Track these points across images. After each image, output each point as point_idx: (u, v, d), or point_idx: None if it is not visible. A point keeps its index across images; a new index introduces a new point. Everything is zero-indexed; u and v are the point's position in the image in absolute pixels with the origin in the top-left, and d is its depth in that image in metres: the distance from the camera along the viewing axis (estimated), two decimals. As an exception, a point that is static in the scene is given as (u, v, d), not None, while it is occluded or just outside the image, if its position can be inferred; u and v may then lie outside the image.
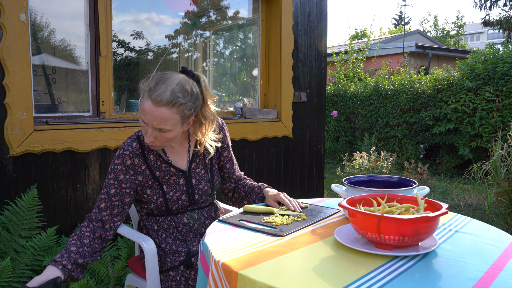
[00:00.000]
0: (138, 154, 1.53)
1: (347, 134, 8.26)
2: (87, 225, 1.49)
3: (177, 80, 1.42)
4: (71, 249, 1.40)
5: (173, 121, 1.41)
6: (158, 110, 1.38)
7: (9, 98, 2.35)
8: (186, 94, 1.41)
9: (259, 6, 3.75)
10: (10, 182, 2.41)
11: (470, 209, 4.41)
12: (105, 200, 1.51)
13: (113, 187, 1.51)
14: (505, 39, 15.04)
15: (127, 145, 1.53)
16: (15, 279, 2.12)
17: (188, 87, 1.43)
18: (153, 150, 1.57)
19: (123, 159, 1.51)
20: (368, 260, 1.04)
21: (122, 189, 1.52)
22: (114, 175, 1.51)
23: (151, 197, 1.56)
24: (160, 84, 1.39)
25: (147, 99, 1.39)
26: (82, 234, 1.45)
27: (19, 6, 2.36)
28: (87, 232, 1.46)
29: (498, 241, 1.19)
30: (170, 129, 1.42)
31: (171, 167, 1.58)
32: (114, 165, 1.52)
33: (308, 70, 3.89)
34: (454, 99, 6.17)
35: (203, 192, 1.64)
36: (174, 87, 1.39)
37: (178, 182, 1.59)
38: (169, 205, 1.57)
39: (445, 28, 27.58)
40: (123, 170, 1.51)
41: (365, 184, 1.52)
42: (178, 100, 1.39)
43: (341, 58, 10.21)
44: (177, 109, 1.40)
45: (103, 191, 1.53)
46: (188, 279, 1.47)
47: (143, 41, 3.65)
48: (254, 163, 3.56)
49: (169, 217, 1.61)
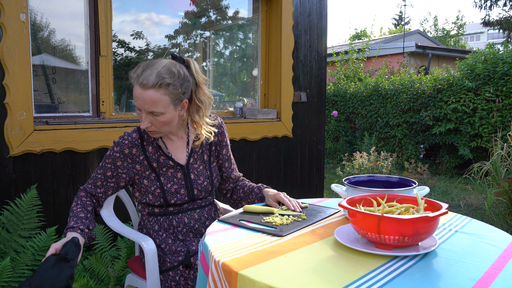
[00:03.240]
0: (137, 144, 1.58)
1: (347, 134, 8.26)
2: (86, 195, 1.57)
3: (163, 64, 1.48)
4: (80, 215, 1.48)
5: (163, 103, 1.45)
6: (146, 93, 1.43)
7: (9, 98, 2.35)
8: (172, 75, 1.46)
9: (259, 6, 3.75)
10: (10, 182, 2.41)
11: (470, 209, 4.41)
12: (101, 179, 1.57)
13: (109, 170, 1.57)
14: (505, 39, 15.03)
15: (127, 135, 1.59)
16: (15, 279, 2.12)
17: (174, 70, 1.48)
18: (152, 142, 1.60)
19: (121, 148, 1.56)
20: (368, 260, 1.04)
21: (119, 173, 1.57)
22: (112, 160, 1.56)
23: (149, 188, 1.59)
24: (147, 69, 1.45)
25: (136, 85, 1.45)
26: (84, 202, 1.54)
27: (19, 6, 2.36)
28: (88, 201, 1.55)
29: (498, 241, 1.19)
30: (162, 112, 1.46)
31: (169, 159, 1.61)
32: (112, 152, 1.57)
33: (308, 70, 3.89)
34: (454, 99, 6.17)
35: (202, 187, 1.65)
36: (160, 70, 1.45)
37: (176, 175, 1.61)
38: (168, 196, 1.58)
39: (445, 28, 27.59)
40: (121, 158, 1.56)
41: (365, 184, 1.52)
42: (164, 81, 1.44)
43: (341, 58, 10.21)
44: (164, 90, 1.44)
45: (99, 171, 1.57)
46: (188, 279, 1.47)
47: (143, 41, 3.65)
48: (254, 163, 3.56)
49: (170, 217, 1.61)
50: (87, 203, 1.54)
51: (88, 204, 1.55)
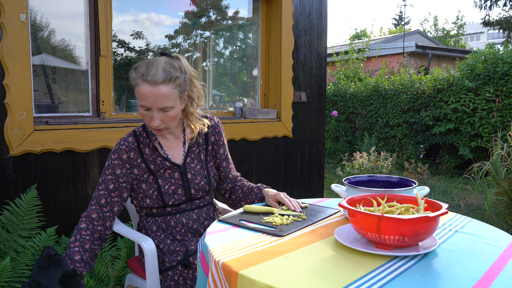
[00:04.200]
0: (134, 148, 1.58)
1: (347, 134, 8.26)
2: (86, 227, 1.51)
3: (162, 60, 1.50)
4: (75, 258, 1.43)
5: (173, 97, 1.48)
6: (157, 89, 1.44)
7: (9, 98, 2.35)
8: (176, 69, 1.49)
9: (259, 6, 3.75)
10: (10, 182, 2.41)
11: (470, 209, 4.41)
12: (105, 196, 1.54)
13: (111, 182, 1.54)
14: (505, 39, 15.03)
15: (123, 140, 1.58)
16: (15, 279, 2.12)
17: (175, 64, 1.51)
18: (148, 144, 1.60)
19: (119, 154, 1.55)
20: (368, 260, 1.04)
21: (120, 184, 1.55)
22: (112, 170, 1.55)
23: (146, 192, 1.58)
24: (150, 67, 1.46)
25: (143, 83, 1.44)
26: (83, 239, 1.48)
27: (19, 6, 2.36)
28: (87, 236, 1.49)
29: (498, 241, 1.19)
30: (172, 106, 1.49)
31: (166, 160, 1.61)
32: (111, 161, 1.56)
33: (308, 70, 3.89)
34: (454, 99, 6.17)
35: (199, 187, 1.65)
36: (164, 65, 1.47)
37: (173, 175, 1.61)
38: (165, 198, 1.58)
39: (445, 28, 27.59)
40: (120, 165, 1.55)
41: (365, 184, 1.52)
42: (172, 75, 1.46)
43: (341, 58, 10.21)
44: (173, 84, 1.47)
45: (100, 187, 1.55)
46: (187, 278, 1.47)
47: (143, 41, 3.65)
48: (254, 163, 3.56)
49: (168, 217, 1.61)
50: (85, 239, 1.48)
51: (87, 240, 1.48)
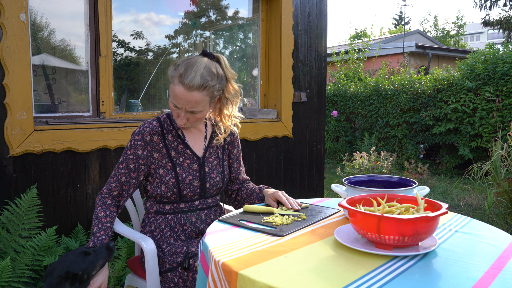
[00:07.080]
0: (158, 132, 1.61)
1: (347, 134, 8.26)
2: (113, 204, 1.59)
3: (203, 64, 1.51)
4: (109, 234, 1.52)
5: (204, 102, 1.52)
6: (191, 94, 1.47)
7: (9, 98, 2.35)
8: (213, 77, 1.52)
9: (259, 6, 3.75)
10: (10, 182, 2.41)
11: (470, 209, 4.41)
12: (125, 174, 1.58)
13: (132, 162, 1.58)
14: (505, 39, 15.03)
15: (147, 123, 1.61)
16: (15, 279, 2.12)
17: (214, 70, 1.53)
18: (171, 131, 1.64)
19: (143, 135, 1.58)
20: (368, 260, 1.04)
21: (140, 165, 1.59)
22: (134, 150, 1.58)
23: (163, 177, 1.59)
24: (189, 70, 1.48)
25: (179, 85, 1.48)
26: (112, 215, 1.56)
27: (19, 6, 2.36)
28: (114, 212, 1.58)
29: (498, 241, 1.19)
30: (201, 110, 1.53)
31: (187, 148, 1.64)
32: (134, 141, 1.58)
33: (308, 70, 3.89)
34: (454, 99, 6.17)
35: (214, 182, 1.67)
36: (203, 71, 1.49)
37: (192, 166, 1.64)
38: (181, 187, 1.60)
39: (445, 28, 27.58)
40: (142, 146, 1.58)
41: (365, 184, 1.52)
42: (208, 83, 1.49)
43: (341, 58, 10.21)
44: (207, 91, 1.50)
45: (121, 166, 1.59)
46: (186, 281, 1.48)
47: (143, 41, 3.64)
48: (254, 163, 3.56)
49: (178, 215, 1.62)
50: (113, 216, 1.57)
51: (114, 216, 1.57)
